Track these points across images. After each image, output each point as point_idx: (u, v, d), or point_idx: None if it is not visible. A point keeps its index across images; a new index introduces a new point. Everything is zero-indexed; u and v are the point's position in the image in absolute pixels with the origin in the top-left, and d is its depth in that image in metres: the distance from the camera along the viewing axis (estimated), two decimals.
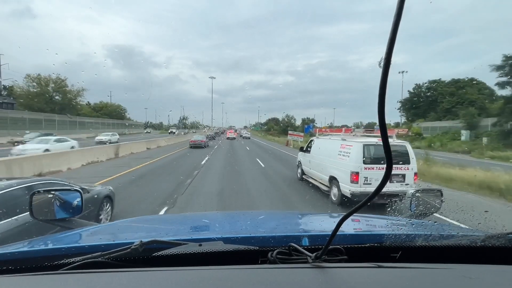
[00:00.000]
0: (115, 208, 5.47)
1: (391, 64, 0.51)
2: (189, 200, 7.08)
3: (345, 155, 6.77)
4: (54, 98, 43.12)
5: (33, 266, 0.93)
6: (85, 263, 0.89)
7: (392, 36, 0.48)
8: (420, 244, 1.01)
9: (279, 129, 72.80)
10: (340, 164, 6.93)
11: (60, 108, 42.32)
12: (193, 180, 9.57)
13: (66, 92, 44.57)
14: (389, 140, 0.62)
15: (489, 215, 5.02)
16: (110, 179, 9.48)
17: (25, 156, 10.75)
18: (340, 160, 6.96)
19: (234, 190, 8.40)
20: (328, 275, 0.79)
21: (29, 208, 1.59)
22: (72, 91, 45.62)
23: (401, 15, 0.47)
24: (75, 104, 46.88)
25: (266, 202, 7.28)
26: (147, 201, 6.78)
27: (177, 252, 0.94)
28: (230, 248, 0.98)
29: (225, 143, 35.01)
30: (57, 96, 43.73)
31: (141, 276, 0.79)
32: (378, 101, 0.53)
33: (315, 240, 1.08)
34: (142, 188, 8.41)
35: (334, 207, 6.86)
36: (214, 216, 2.45)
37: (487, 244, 0.96)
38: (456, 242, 0.99)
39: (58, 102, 43.11)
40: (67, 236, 1.43)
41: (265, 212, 3.55)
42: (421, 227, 1.46)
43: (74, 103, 46.69)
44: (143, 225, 1.80)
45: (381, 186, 0.62)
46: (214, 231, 1.56)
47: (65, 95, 44.48)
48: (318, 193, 8.02)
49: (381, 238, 1.07)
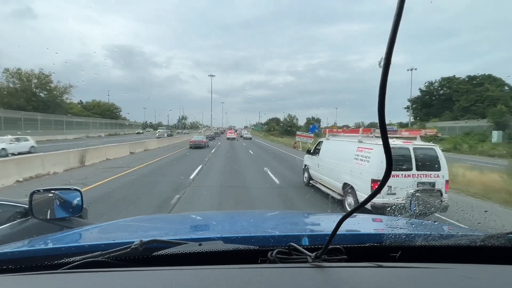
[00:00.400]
0: None
1: (391, 64, 0.51)
2: None
3: (364, 160, 5.95)
4: (38, 95, 38.72)
5: (33, 266, 0.93)
6: (85, 263, 0.89)
7: (392, 36, 0.48)
8: (420, 244, 1.01)
9: (280, 130, 71.15)
10: (357, 170, 6.07)
11: (45, 106, 38.10)
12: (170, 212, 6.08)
13: (51, 89, 40.31)
14: (415, 142, 0.62)
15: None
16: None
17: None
18: (357, 165, 6.13)
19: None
20: (328, 275, 0.79)
21: (29, 207, 1.59)
22: (58, 87, 41.59)
23: (401, 15, 0.47)
24: (60, 101, 42.30)
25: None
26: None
27: (177, 251, 0.94)
28: (230, 247, 0.98)
29: (225, 144, 32.40)
30: (41, 93, 39.43)
31: (141, 276, 0.79)
32: (378, 101, 0.53)
33: (315, 240, 1.08)
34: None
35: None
36: (214, 215, 2.45)
37: (486, 244, 0.96)
38: (455, 242, 0.99)
39: (41, 100, 38.61)
40: (67, 235, 1.43)
41: (265, 211, 3.55)
42: (421, 227, 1.46)
43: (59, 100, 42.12)
44: (143, 225, 1.80)
45: (381, 186, 0.62)
46: (214, 231, 1.56)
47: (50, 92, 40.21)
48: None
49: (381, 238, 1.08)
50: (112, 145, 17.65)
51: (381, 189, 0.63)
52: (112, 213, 5.95)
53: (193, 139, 26.51)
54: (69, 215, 1.65)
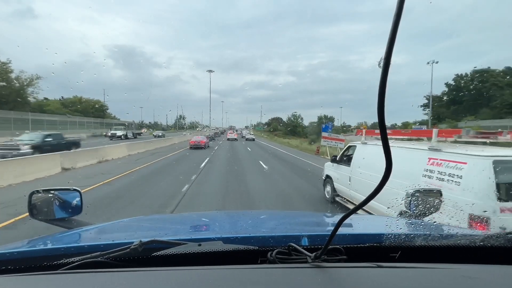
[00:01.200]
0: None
1: (391, 64, 0.51)
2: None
3: (449, 181, 3.71)
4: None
5: (32, 266, 0.92)
6: (84, 263, 0.88)
7: (392, 36, 0.48)
8: (420, 244, 1.02)
9: (283, 130, 67.43)
10: None
11: (2, 101, 30.75)
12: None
13: (9, 80, 32.59)
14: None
15: None
16: None
17: None
18: (431, 187, 3.84)
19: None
20: (328, 275, 0.79)
21: (28, 207, 1.58)
22: (21, 78, 33.59)
23: (401, 15, 0.47)
24: (23, 94, 34.17)
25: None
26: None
27: (176, 252, 0.94)
28: (230, 248, 0.98)
29: (225, 146, 28.78)
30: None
31: (141, 276, 0.79)
32: (377, 101, 0.54)
33: (315, 240, 1.08)
34: None
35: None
36: (213, 216, 2.45)
37: (486, 244, 0.96)
38: (455, 242, 0.99)
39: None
40: (66, 236, 1.43)
41: (265, 212, 3.55)
42: (421, 227, 1.47)
43: (22, 92, 34.22)
44: (143, 225, 1.80)
45: (380, 186, 0.62)
46: (214, 231, 1.56)
47: (9, 83, 32.49)
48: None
49: (380, 238, 1.08)
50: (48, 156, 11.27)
51: (380, 190, 0.62)
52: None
53: (192, 139, 25.64)
54: (69, 215, 1.64)
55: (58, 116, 39.70)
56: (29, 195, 1.59)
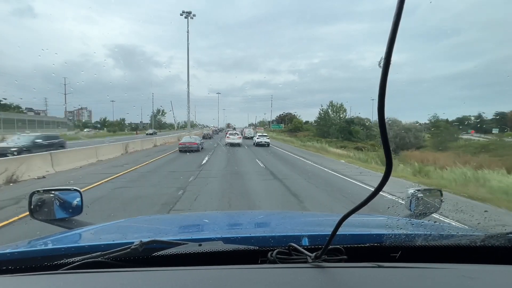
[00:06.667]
0: None
1: (391, 64, 0.51)
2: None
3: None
4: None
5: (32, 266, 0.92)
6: (85, 263, 0.88)
7: (392, 36, 0.48)
8: (420, 244, 1.01)
9: (314, 131, 51.11)
10: None
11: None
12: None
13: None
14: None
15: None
16: None
17: None
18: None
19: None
20: (328, 275, 0.79)
21: (28, 208, 1.58)
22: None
23: (401, 14, 0.47)
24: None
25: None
26: None
27: (177, 252, 0.94)
28: (230, 248, 0.98)
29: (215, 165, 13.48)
30: None
31: (141, 276, 0.79)
32: (378, 101, 0.54)
33: (315, 240, 1.08)
34: None
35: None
36: (214, 216, 2.45)
37: (486, 244, 0.96)
38: (455, 242, 0.99)
39: None
40: (66, 236, 1.43)
41: (265, 212, 3.55)
42: (421, 227, 1.46)
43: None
44: (143, 225, 1.80)
45: (380, 185, 0.62)
46: (214, 231, 1.56)
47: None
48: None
49: (380, 238, 1.07)
50: None
51: (381, 189, 0.63)
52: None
53: (182, 141, 20.68)
54: (69, 215, 1.64)
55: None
56: (29, 195, 1.59)
